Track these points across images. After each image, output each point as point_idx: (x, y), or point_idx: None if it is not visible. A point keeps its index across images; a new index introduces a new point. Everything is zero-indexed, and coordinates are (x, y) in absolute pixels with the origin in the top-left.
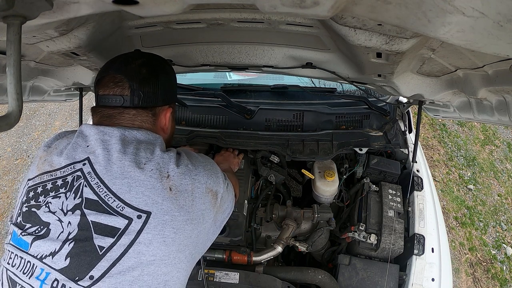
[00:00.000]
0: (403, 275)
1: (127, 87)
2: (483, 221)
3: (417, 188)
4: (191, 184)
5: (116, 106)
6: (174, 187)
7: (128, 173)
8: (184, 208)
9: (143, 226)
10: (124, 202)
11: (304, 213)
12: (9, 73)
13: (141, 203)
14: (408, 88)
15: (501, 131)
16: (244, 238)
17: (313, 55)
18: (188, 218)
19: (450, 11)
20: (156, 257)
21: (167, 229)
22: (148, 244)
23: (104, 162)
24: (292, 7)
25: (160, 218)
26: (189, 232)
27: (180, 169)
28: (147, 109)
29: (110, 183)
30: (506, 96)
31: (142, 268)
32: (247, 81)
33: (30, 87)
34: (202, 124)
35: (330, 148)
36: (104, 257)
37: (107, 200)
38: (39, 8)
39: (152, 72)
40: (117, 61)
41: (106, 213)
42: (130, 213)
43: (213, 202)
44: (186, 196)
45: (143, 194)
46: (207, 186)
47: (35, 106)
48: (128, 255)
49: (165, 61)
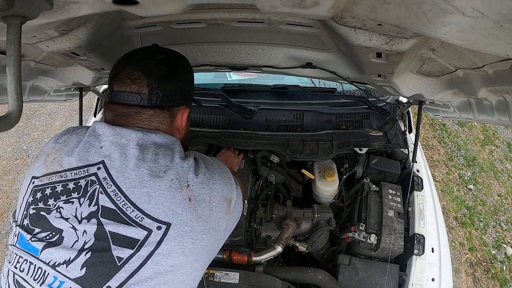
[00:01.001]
0: (403, 275)
1: (145, 85)
2: (483, 221)
3: (417, 188)
4: (208, 194)
5: (132, 104)
6: (193, 197)
7: (147, 182)
8: (202, 218)
9: (162, 238)
10: (143, 212)
11: (304, 213)
12: (9, 73)
13: (161, 214)
14: (408, 88)
15: (501, 131)
16: (244, 238)
17: (313, 55)
18: (206, 227)
19: (450, 11)
20: (174, 267)
21: (186, 240)
22: (167, 255)
23: (121, 169)
24: (292, 7)
25: (180, 229)
26: (206, 241)
27: (199, 178)
28: (164, 109)
29: (128, 191)
30: (506, 96)
31: (160, 278)
32: (247, 81)
33: (30, 87)
34: (202, 124)
35: (330, 148)
36: (122, 268)
37: (125, 209)
38: (39, 8)
39: (172, 70)
40: (135, 56)
41: (124, 224)
42: (149, 224)
43: (227, 209)
44: (204, 206)
45: (163, 205)
46: (223, 194)
47: (35, 106)
48: (146, 266)
49: (185, 59)
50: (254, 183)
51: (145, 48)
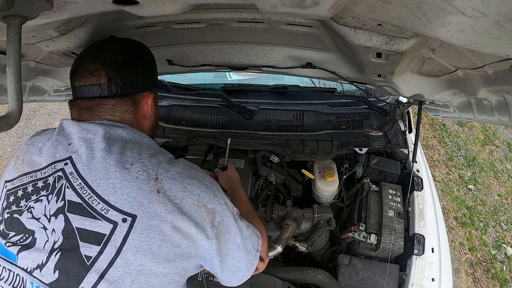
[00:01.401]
0: (403, 275)
1: (103, 76)
2: (483, 221)
3: (417, 188)
4: (181, 192)
5: (94, 96)
6: (162, 190)
7: (113, 173)
8: (172, 214)
9: (128, 231)
10: (108, 204)
11: (304, 213)
12: (9, 73)
13: (126, 205)
14: (408, 88)
15: (501, 131)
16: None
17: (313, 55)
18: (176, 225)
19: (450, 11)
20: (145, 266)
21: (153, 235)
22: (135, 252)
23: (88, 162)
24: (292, 7)
25: (146, 222)
26: (177, 240)
27: (170, 173)
28: (126, 97)
29: (94, 184)
30: (506, 96)
31: (132, 279)
32: (247, 81)
33: (30, 87)
34: (202, 124)
35: (330, 148)
36: (92, 268)
37: (91, 202)
38: (39, 8)
39: (129, 57)
40: (91, 49)
41: (90, 217)
42: (115, 216)
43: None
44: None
45: (128, 195)
46: (200, 199)
47: (35, 106)
48: (116, 265)
49: (142, 45)
50: (254, 183)
51: (101, 40)
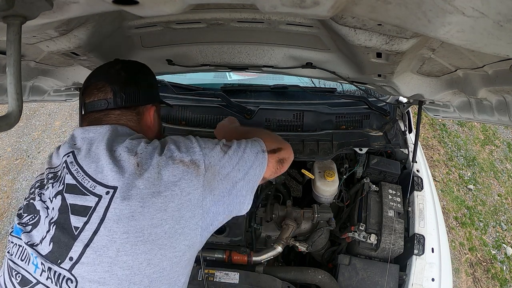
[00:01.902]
0: (403, 275)
1: (109, 91)
2: (483, 221)
3: (417, 188)
4: (156, 158)
5: (102, 109)
6: (141, 163)
7: (102, 156)
8: (149, 181)
9: (110, 201)
10: (96, 181)
11: (304, 213)
12: (9, 73)
13: (110, 179)
14: (408, 88)
15: (501, 131)
16: (244, 238)
17: (313, 55)
18: (155, 191)
19: (450, 11)
20: (129, 234)
21: (134, 202)
22: (117, 220)
23: (85, 153)
24: (292, 7)
25: (126, 192)
26: (160, 204)
27: (149, 148)
28: (130, 109)
29: (87, 167)
30: (506, 96)
31: (117, 247)
32: (247, 81)
33: (30, 87)
34: (202, 124)
35: (330, 148)
36: (78, 238)
37: (83, 182)
38: (39, 8)
39: (131, 74)
40: (98, 71)
41: (81, 194)
42: (100, 190)
43: (193, 172)
44: (151, 169)
45: (111, 171)
46: (173, 158)
47: (35, 106)
48: (100, 234)
49: (142, 64)
50: None
51: (107, 63)
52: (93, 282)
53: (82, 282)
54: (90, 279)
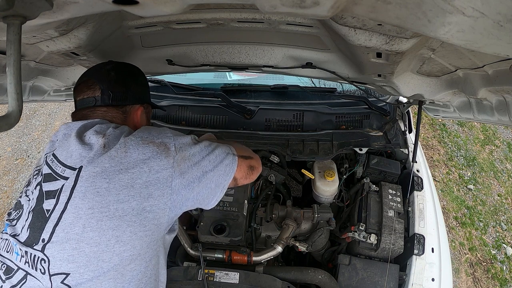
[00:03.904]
0: (403, 275)
1: (98, 89)
2: (483, 221)
3: (417, 188)
4: (123, 139)
5: (89, 106)
6: (108, 143)
7: (73, 142)
8: (115, 159)
9: (76, 180)
10: (65, 165)
11: (304, 213)
12: (9, 73)
13: (77, 162)
14: (408, 88)
15: (501, 131)
16: (244, 238)
17: (313, 55)
18: (122, 168)
19: (450, 11)
20: (94, 209)
21: (99, 179)
22: (82, 197)
23: (60, 142)
24: (292, 7)
25: (91, 170)
26: (127, 181)
27: (117, 131)
28: (117, 107)
29: (59, 155)
30: (506, 96)
31: (83, 223)
32: (247, 81)
33: (30, 87)
34: (202, 124)
35: (330, 148)
36: (49, 219)
37: (56, 169)
38: (39, 8)
39: (120, 74)
40: (90, 70)
41: (53, 180)
42: (68, 173)
43: (163, 152)
44: (118, 148)
45: (79, 154)
46: (144, 139)
47: (35, 106)
48: (67, 212)
49: (134, 66)
50: (254, 183)
51: (100, 63)
52: (63, 260)
53: (53, 261)
54: (60, 257)
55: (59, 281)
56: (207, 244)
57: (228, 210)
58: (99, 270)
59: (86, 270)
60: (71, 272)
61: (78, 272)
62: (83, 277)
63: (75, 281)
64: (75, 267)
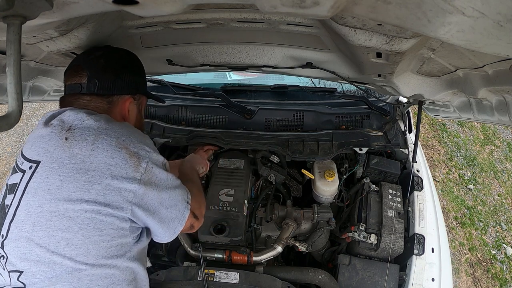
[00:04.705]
0: (403, 275)
1: (84, 75)
2: (483, 221)
3: (417, 188)
4: (94, 136)
5: (75, 93)
6: (72, 137)
7: (36, 134)
8: (77, 157)
9: (31, 176)
10: (25, 158)
11: (304, 213)
12: (9, 73)
13: (35, 154)
14: (408, 88)
15: (501, 131)
16: (244, 238)
17: (313, 55)
18: (81, 167)
19: (450, 11)
20: (43, 208)
21: (53, 176)
22: (34, 193)
23: (30, 134)
24: (292, 7)
25: (48, 165)
26: (83, 183)
27: (87, 123)
28: (103, 97)
29: (24, 146)
30: (506, 96)
31: (33, 222)
32: (247, 81)
33: (30, 87)
34: (202, 124)
35: (330, 148)
36: (7, 214)
37: (17, 161)
38: (39, 8)
39: (110, 62)
40: (81, 55)
41: (14, 173)
42: (25, 165)
43: (133, 165)
44: (83, 145)
45: (39, 147)
46: (119, 142)
47: (35, 106)
48: (20, 209)
49: (129, 53)
50: (254, 183)
51: (93, 48)
52: (17, 258)
53: (10, 258)
54: (15, 255)
55: (15, 278)
56: (207, 244)
57: (228, 210)
58: (51, 272)
59: (38, 270)
60: (24, 271)
61: (30, 271)
62: (36, 277)
63: (28, 280)
64: (28, 265)
